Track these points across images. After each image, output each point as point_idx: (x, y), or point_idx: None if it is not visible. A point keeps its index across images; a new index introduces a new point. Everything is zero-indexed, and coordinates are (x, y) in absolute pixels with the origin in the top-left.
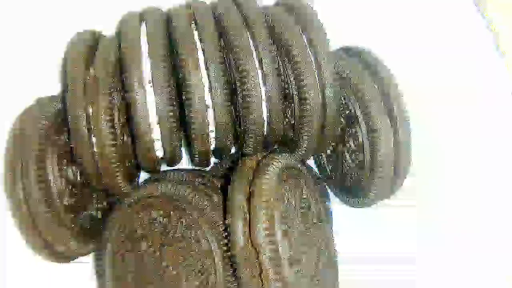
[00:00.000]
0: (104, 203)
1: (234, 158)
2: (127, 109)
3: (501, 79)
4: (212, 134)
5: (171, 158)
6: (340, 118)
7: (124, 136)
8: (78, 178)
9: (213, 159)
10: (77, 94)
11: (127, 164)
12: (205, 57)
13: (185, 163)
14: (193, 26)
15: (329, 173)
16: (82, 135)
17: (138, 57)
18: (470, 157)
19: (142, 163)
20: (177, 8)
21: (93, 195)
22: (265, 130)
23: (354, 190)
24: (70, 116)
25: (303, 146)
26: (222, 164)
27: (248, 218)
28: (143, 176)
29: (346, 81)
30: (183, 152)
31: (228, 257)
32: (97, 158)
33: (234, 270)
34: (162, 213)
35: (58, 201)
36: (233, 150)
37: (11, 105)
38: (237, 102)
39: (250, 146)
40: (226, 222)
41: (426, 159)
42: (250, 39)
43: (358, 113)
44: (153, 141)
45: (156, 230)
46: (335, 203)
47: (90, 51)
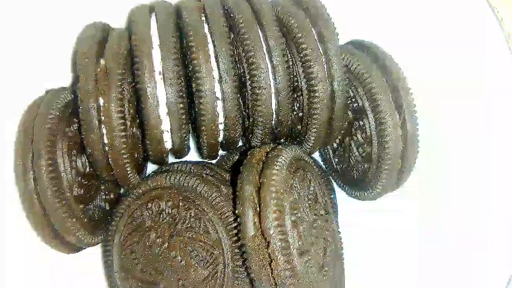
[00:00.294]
0: (111, 195)
1: (241, 151)
2: (137, 100)
3: (509, 76)
4: (220, 126)
5: (180, 150)
6: (348, 111)
7: (133, 127)
8: (87, 169)
9: (220, 152)
10: (88, 86)
11: (136, 155)
12: (215, 49)
13: (190, 156)
14: (203, 18)
15: (335, 166)
16: (92, 127)
17: (149, 49)
18: (476, 153)
19: (151, 155)
20: (187, 0)
21: (101, 186)
22: (273, 122)
23: (361, 183)
24: (81, 107)
25: (311, 139)
26: (229, 157)
27: (257, 209)
28: (151, 168)
29: (355, 74)
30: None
31: (237, 247)
32: (107, 149)
33: (243, 260)
34: (170, 204)
35: (68, 191)
36: (240, 143)
37: (22, 97)
38: (246, 94)
39: (259, 138)
40: (236, 213)
41: (431, 154)
42: (260, 32)
43: (366, 106)
44: (162, 132)
45: (164, 221)
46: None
47: (101, 44)
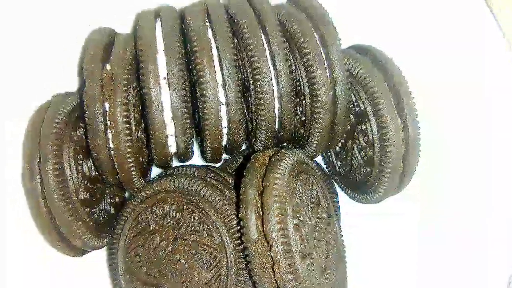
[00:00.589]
0: (117, 198)
1: (244, 155)
2: (142, 105)
3: (509, 77)
4: (224, 130)
5: (184, 154)
6: (350, 115)
7: (138, 132)
8: (93, 173)
9: (223, 156)
10: (94, 91)
11: (141, 159)
12: (219, 54)
13: (194, 160)
14: (207, 24)
15: (337, 169)
16: (98, 131)
17: (154, 54)
18: (477, 155)
19: (156, 159)
20: (191, 6)
21: (106, 190)
22: (276, 126)
23: (363, 186)
24: (87, 112)
25: (314, 142)
26: (233, 161)
27: (260, 212)
28: (155, 171)
29: (356, 78)
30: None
31: (240, 250)
32: (113, 153)
33: (246, 263)
34: (175, 207)
35: (75, 195)
36: (243, 147)
37: (28, 101)
38: (249, 98)
39: (262, 142)
40: (239, 216)
41: (432, 156)
42: (263, 37)
43: (368, 110)
44: (167, 136)
45: (169, 224)
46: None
47: (107, 49)
